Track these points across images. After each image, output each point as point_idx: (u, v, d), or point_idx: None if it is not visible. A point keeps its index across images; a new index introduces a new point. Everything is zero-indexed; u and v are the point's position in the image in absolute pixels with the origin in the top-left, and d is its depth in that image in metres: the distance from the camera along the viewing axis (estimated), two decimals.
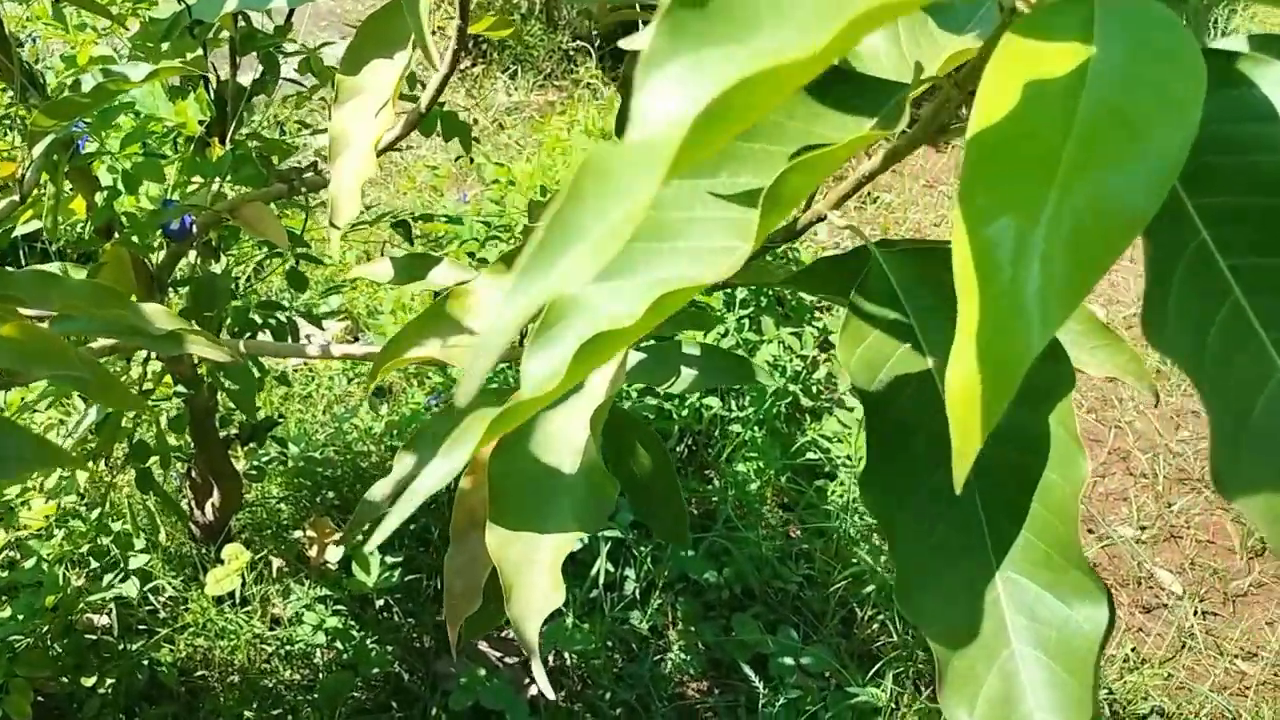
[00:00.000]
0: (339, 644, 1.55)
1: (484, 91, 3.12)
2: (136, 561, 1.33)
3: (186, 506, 1.61)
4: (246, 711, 1.48)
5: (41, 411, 1.24)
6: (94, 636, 1.44)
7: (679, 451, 1.91)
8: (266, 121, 2.33)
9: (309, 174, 1.11)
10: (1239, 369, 0.37)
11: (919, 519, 0.49)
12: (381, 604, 1.63)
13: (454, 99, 2.97)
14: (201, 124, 1.20)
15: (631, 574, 1.68)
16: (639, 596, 1.67)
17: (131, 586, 1.32)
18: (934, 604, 0.47)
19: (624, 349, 0.49)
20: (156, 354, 1.12)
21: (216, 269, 1.19)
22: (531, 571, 0.65)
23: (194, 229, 1.13)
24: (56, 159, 0.94)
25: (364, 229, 1.84)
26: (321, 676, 1.54)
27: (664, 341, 0.74)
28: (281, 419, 1.83)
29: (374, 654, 1.55)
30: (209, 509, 1.58)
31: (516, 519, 0.65)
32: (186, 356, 1.13)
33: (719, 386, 1.83)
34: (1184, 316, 0.38)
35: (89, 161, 1.02)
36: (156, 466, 1.29)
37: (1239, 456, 0.36)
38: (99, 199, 1.04)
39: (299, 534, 1.67)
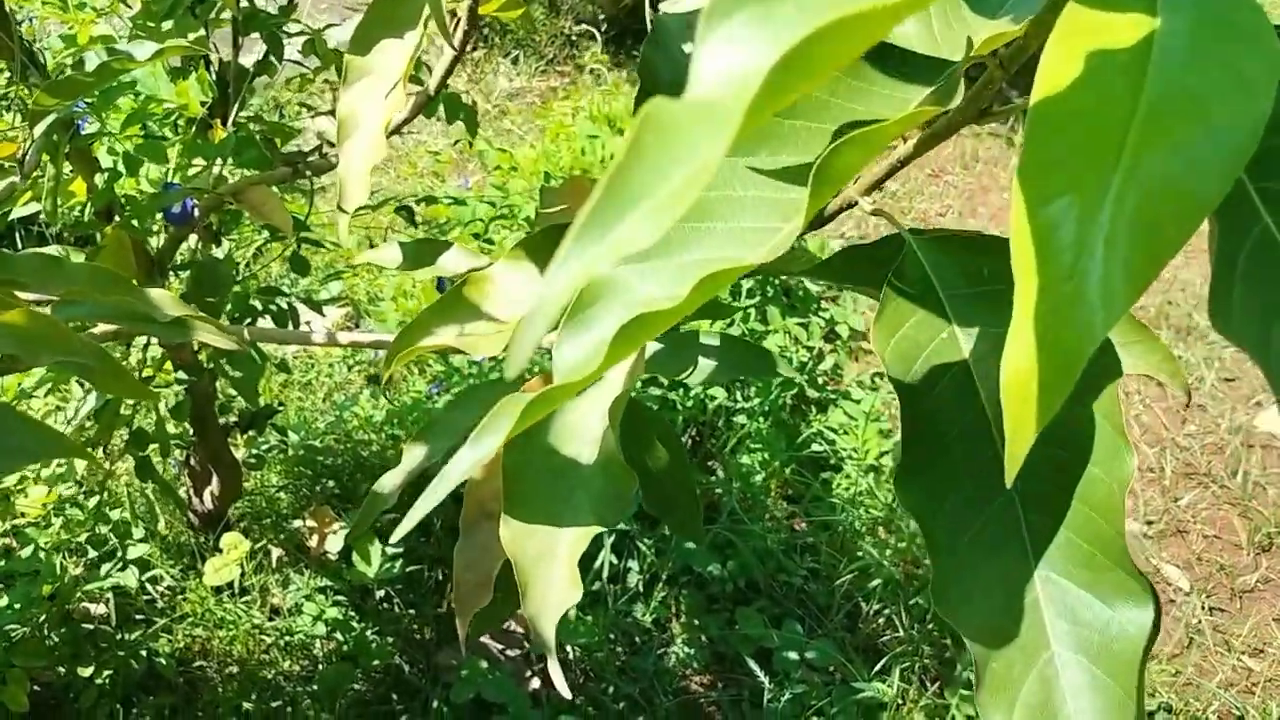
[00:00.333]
0: (339, 635, 1.54)
1: (485, 76, 3.09)
2: (135, 551, 1.32)
3: (185, 495, 1.59)
4: (245, 703, 1.46)
5: (39, 398, 1.22)
6: (91, 626, 1.42)
7: (684, 441, 1.89)
8: (267, 104, 2.31)
9: (314, 157, 1.09)
10: None
11: (955, 514, 0.47)
12: (382, 595, 1.61)
13: (455, 84, 2.94)
14: (203, 105, 1.18)
15: (635, 566, 1.67)
16: (642, 589, 1.66)
17: (130, 576, 1.31)
18: (971, 603, 0.46)
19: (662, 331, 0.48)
20: (159, 340, 1.10)
21: (218, 254, 1.17)
22: (548, 566, 0.63)
23: (195, 213, 1.11)
24: (57, 139, 0.92)
25: (366, 214, 1.82)
26: (321, 668, 1.52)
27: (682, 331, 0.73)
28: (281, 406, 1.81)
29: (374, 645, 1.53)
30: (208, 497, 1.56)
31: (533, 512, 0.64)
32: (189, 343, 1.11)
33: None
34: (1250, 304, 0.36)
35: (89, 143, 0.99)
36: (155, 454, 1.27)
37: None
38: (99, 181, 1.02)
39: (299, 523, 1.65)
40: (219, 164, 1.10)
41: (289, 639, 1.54)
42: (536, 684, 1.57)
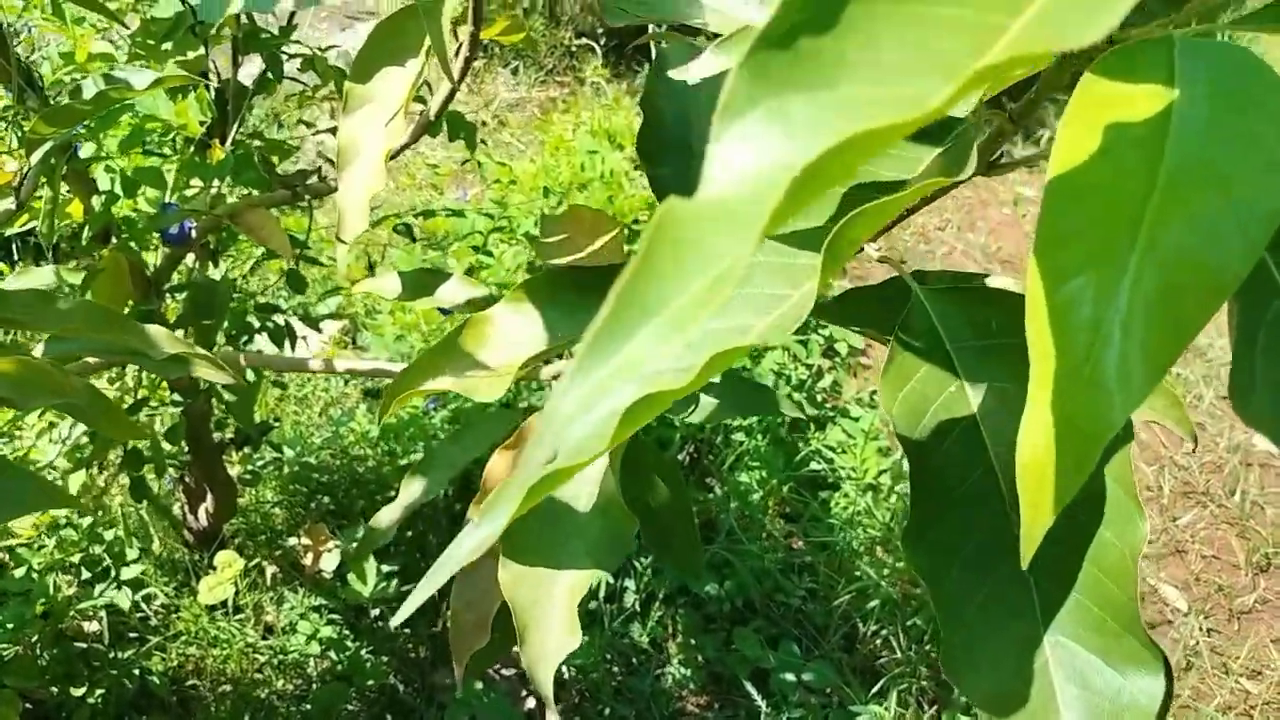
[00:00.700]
0: (333, 654, 1.52)
1: (485, 86, 3.08)
2: (129, 572, 1.31)
3: (179, 512, 1.58)
4: None
5: (33, 417, 1.21)
6: (84, 645, 1.41)
7: (681, 459, 1.88)
8: (267, 114, 2.30)
9: (313, 179, 1.08)
10: None
11: (964, 576, 0.46)
12: (377, 614, 1.60)
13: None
14: (202, 124, 1.17)
15: (632, 585, 1.66)
16: (639, 608, 1.65)
17: (124, 597, 1.30)
18: (979, 668, 0.45)
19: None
20: None
21: (215, 275, 1.16)
22: (546, 612, 0.62)
23: (193, 234, 1.10)
24: (54, 162, 0.91)
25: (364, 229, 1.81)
26: (315, 687, 1.51)
27: None
28: (277, 422, 1.80)
29: (369, 665, 1.52)
30: (202, 514, 1.55)
31: (531, 555, 0.63)
32: None
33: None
34: (1270, 385, 0.35)
35: (87, 165, 0.99)
36: (150, 473, 1.26)
37: None
38: (96, 203, 1.01)
39: (294, 541, 1.64)
40: (217, 183, 1.09)
41: (283, 658, 1.53)
42: (532, 704, 1.56)
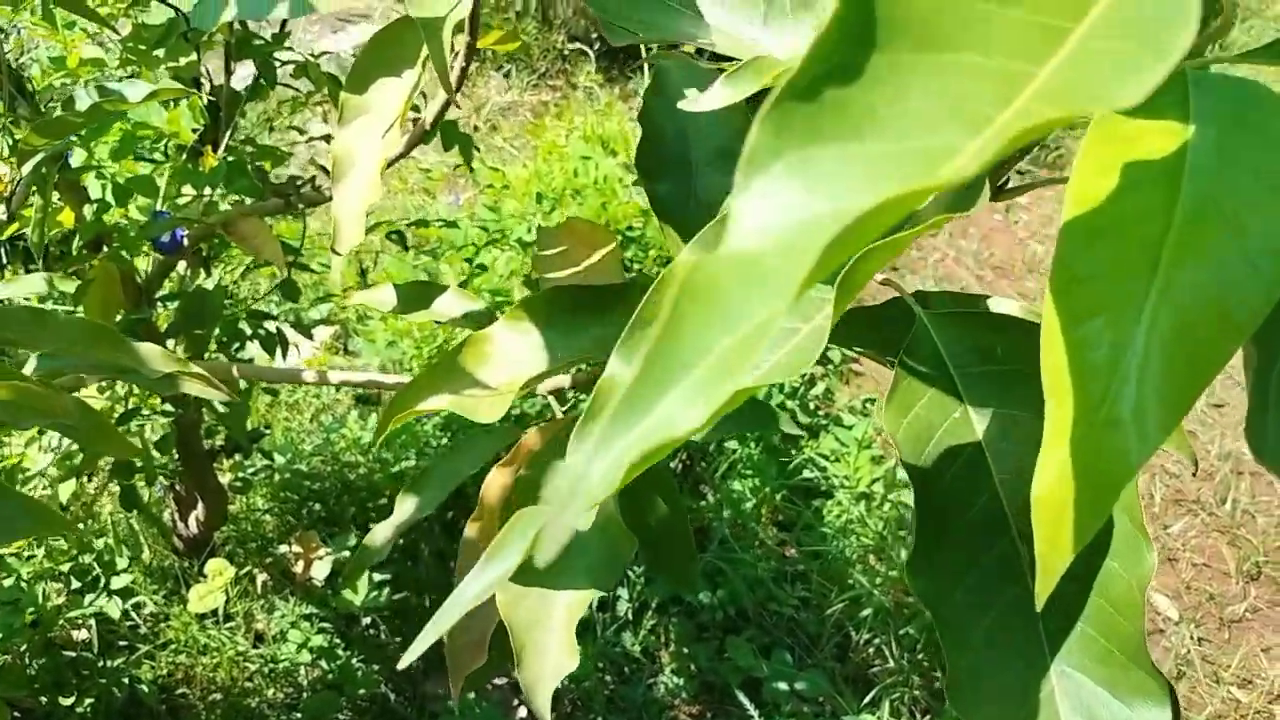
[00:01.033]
0: (324, 663, 1.52)
1: (476, 90, 3.07)
2: (119, 581, 1.30)
3: (169, 519, 1.57)
4: None
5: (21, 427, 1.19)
6: (73, 653, 1.40)
7: (673, 467, 1.88)
8: (257, 119, 2.28)
9: (306, 188, 1.08)
10: None
11: (968, 605, 0.46)
12: (369, 622, 1.59)
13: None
14: (194, 132, 1.16)
15: (624, 594, 1.65)
16: (631, 617, 1.64)
17: (114, 606, 1.28)
18: (985, 697, 0.44)
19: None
20: None
21: (208, 284, 1.15)
22: (544, 633, 0.61)
23: (185, 242, 1.09)
24: (45, 171, 0.90)
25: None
26: (306, 696, 1.50)
27: None
28: (268, 429, 1.79)
29: (360, 674, 1.51)
30: (193, 522, 1.54)
31: (529, 575, 0.62)
32: None
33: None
34: None
35: (78, 174, 0.98)
36: (140, 482, 1.25)
37: None
38: (88, 212, 1.00)
39: (285, 548, 1.63)
40: (209, 191, 1.08)
41: (273, 666, 1.52)
42: (524, 713, 1.56)
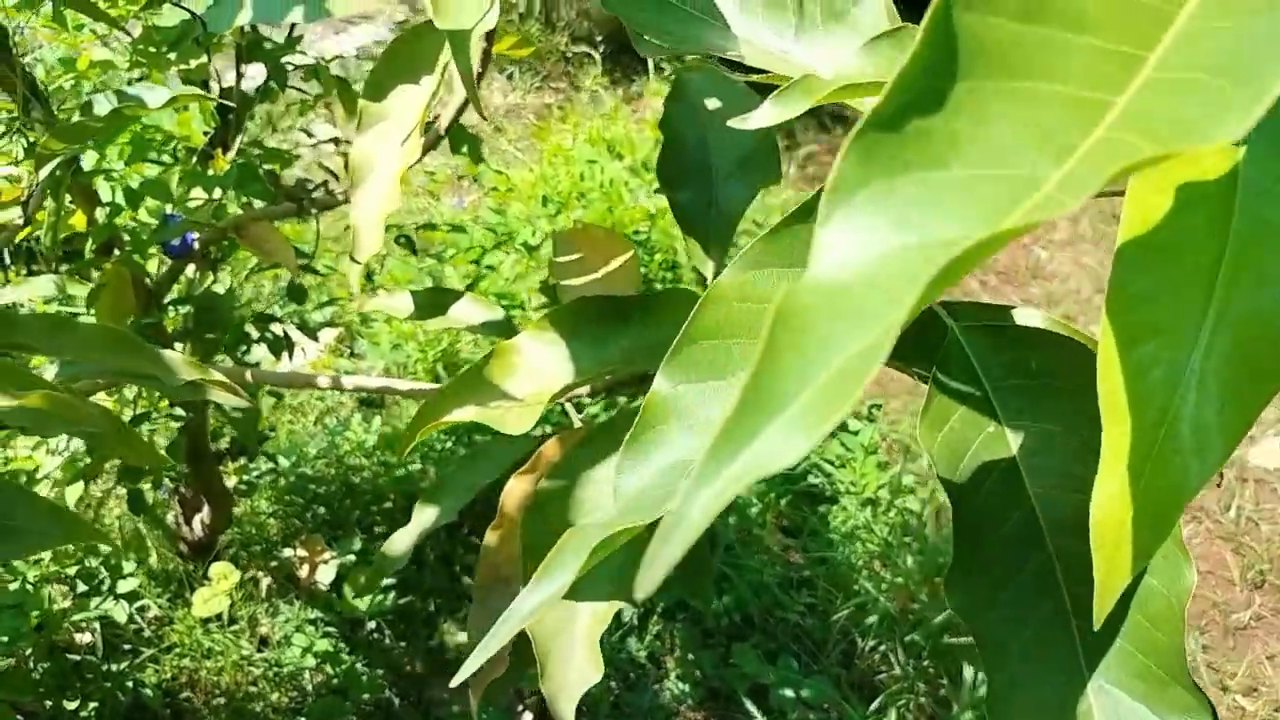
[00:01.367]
0: (329, 667, 1.51)
1: (480, 93, 3.06)
2: (126, 584, 1.29)
3: (173, 523, 1.56)
4: None
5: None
6: (77, 656, 1.40)
7: None
8: (261, 121, 2.28)
9: (318, 193, 1.07)
10: None
11: (1005, 619, 0.46)
12: (373, 626, 1.59)
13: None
14: (205, 134, 1.16)
15: None
16: (637, 622, 1.64)
17: (121, 610, 1.28)
18: (1023, 711, 0.44)
19: None
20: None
21: (219, 288, 1.15)
22: (567, 643, 0.61)
23: (195, 246, 1.09)
24: (59, 175, 0.90)
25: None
26: (310, 701, 1.50)
27: None
28: (272, 432, 1.78)
29: (365, 678, 1.51)
30: (197, 525, 1.54)
31: None
32: None
33: None
34: None
35: (91, 177, 0.97)
36: (147, 485, 1.24)
37: None
38: (100, 215, 1.00)
39: (289, 552, 1.63)
40: (219, 194, 1.08)
41: (278, 670, 1.52)
42: (529, 718, 1.55)
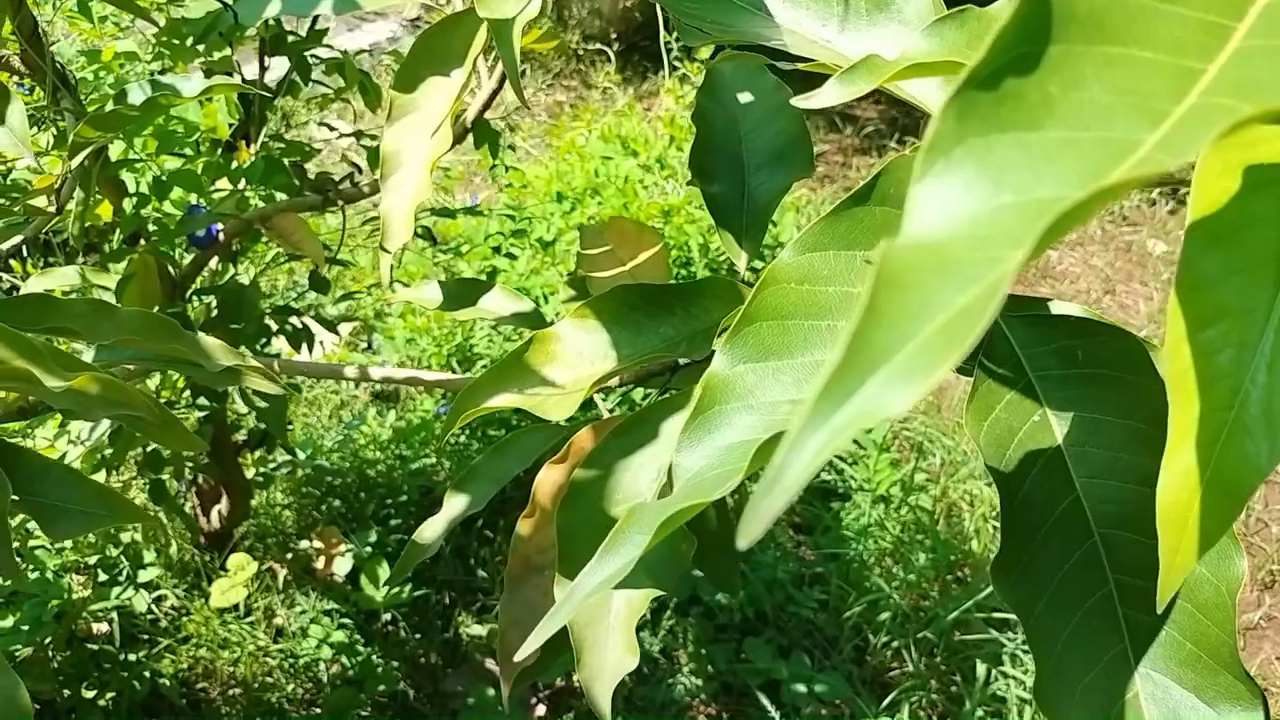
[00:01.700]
0: (344, 659, 1.52)
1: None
2: (146, 574, 1.29)
3: (191, 512, 1.57)
4: None
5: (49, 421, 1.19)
6: (95, 646, 1.40)
7: None
8: (277, 115, 2.28)
9: (344, 185, 1.08)
10: None
11: (1053, 607, 0.46)
12: (389, 618, 1.59)
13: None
14: (230, 126, 1.16)
15: None
16: (650, 617, 1.64)
17: (141, 599, 1.28)
18: (1070, 699, 0.44)
19: None
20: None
21: (244, 279, 1.15)
22: (603, 630, 0.62)
23: (221, 237, 1.09)
24: (88, 165, 0.90)
25: (378, 230, 1.80)
26: (326, 692, 1.50)
27: None
28: (289, 425, 1.79)
29: (380, 670, 1.51)
30: (214, 516, 1.54)
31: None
32: None
33: None
34: None
35: (118, 168, 0.98)
36: (168, 475, 1.24)
37: None
38: (127, 205, 1.00)
39: (305, 544, 1.63)
40: (244, 186, 1.08)
41: (293, 662, 1.52)
42: (543, 710, 1.56)
